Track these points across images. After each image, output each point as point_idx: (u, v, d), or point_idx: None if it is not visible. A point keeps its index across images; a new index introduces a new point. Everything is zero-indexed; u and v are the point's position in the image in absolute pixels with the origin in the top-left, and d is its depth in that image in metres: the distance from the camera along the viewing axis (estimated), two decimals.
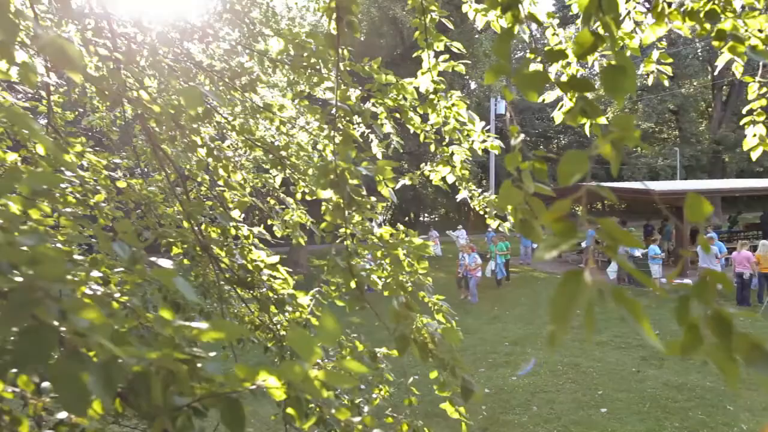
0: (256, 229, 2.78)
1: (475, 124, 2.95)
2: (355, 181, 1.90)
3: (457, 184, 3.18)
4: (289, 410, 1.04)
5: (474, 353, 9.59)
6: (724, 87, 34.44)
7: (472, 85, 34.96)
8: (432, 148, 3.18)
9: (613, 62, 0.81)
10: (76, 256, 1.42)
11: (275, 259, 2.45)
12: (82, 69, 1.80)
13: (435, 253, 21.37)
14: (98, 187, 1.67)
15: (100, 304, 1.09)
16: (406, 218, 36.62)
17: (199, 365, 1.11)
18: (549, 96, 2.48)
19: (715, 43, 2.09)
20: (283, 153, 3.10)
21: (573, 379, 8.16)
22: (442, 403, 7.73)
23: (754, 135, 2.20)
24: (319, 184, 1.95)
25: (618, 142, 0.76)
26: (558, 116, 2.98)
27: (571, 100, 2.81)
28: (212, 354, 1.12)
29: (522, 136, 1.20)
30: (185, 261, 2.58)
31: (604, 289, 0.73)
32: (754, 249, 12.97)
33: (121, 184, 2.34)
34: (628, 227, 17.39)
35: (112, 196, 3.15)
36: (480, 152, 3.14)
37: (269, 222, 4.41)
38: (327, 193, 2.06)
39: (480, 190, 3.21)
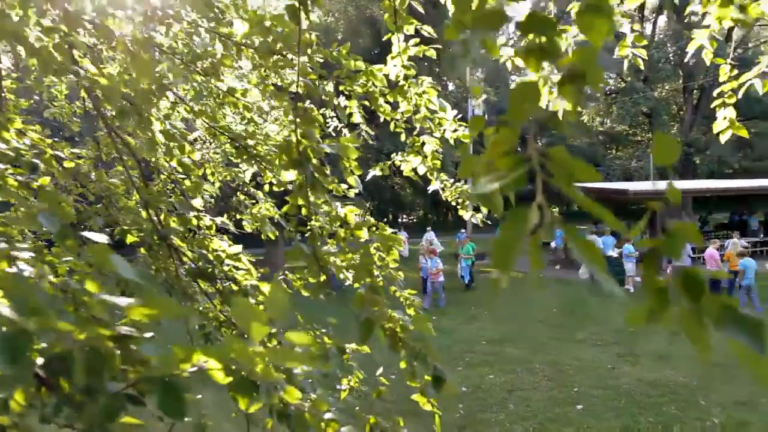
0: (218, 219, 2.67)
1: (446, 111, 2.89)
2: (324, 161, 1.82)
3: (428, 174, 3.10)
4: (233, 392, 0.94)
5: (451, 352, 9.54)
6: (695, 91, 35.21)
7: (450, 87, 35.19)
8: (403, 137, 3.10)
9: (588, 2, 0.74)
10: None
11: (237, 248, 2.34)
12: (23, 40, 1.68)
13: (402, 255, 21.64)
14: (40, 163, 1.56)
15: (18, 279, 0.98)
16: (384, 219, 36.55)
17: (134, 347, 1.01)
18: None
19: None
20: (250, 142, 2.99)
21: (549, 376, 8.17)
22: (417, 405, 7.62)
23: (724, 118, 2.18)
24: (281, 163, 1.86)
25: (576, 76, 0.68)
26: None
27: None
28: (148, 335, 1.02)
29: (484, 96, 1.12)
30: (142, 250, 2.46)
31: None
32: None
33: (69, 164, 2.21)
34: (602, 228, 17.60)
35: (69, 185, 3.00)
36: (452, 141, 3.08)
37: (238, 216, 4.29)
38: (290, 175, 1.97)
39: (452, 180, 3.13)
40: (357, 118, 3.06)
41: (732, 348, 0.69)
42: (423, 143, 3.06)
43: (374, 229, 2.51)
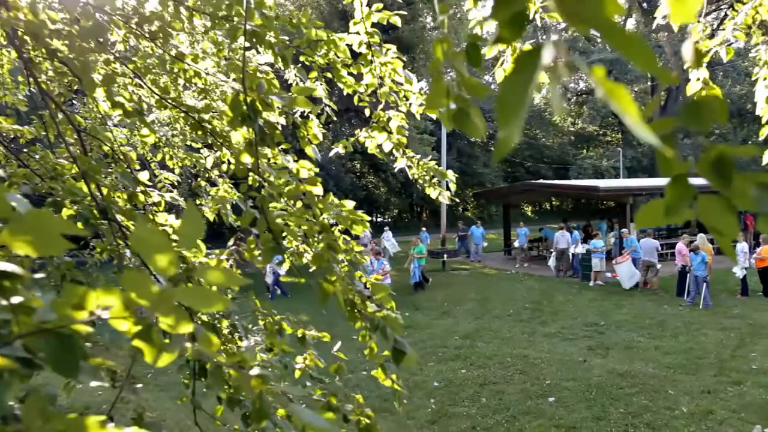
0: (168, 195, 2.49)
1: (412, 84, 2.76)
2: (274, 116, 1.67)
3: (394, 151, 2.97)
4: (137, 342, 0.79)
5: (424, 347, 9.45)
6: (663, 93, 36.04)
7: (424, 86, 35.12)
8: (367, 112, 2.97)
9: None
10: None
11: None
12: None
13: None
14: None
15: None
16: None
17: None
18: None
19: None
20: (205, 116, 2.81)
21: (522, 370, 8.14)
22: (388, 398, 7.45)
23: (698, 79, 2.10)
24: (230, 121, 1.71)
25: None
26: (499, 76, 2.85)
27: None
28: (38, 276, 0.86)
29: (447, 15, 0.98)
30: (79, 225, 2.26)
31: None
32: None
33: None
34: (569, 224, 17.77)
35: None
36: (418, 116, 2.96)
37: (198, 201, 4.09)
38: (238, 135, 1.81)
39: (419, 156, 3.01)
40: (319, 91, 2.91)
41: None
42: (389, 118, 2.92)
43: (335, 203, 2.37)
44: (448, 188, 3.11)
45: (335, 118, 3.16)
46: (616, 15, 0.52)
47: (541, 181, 24.46)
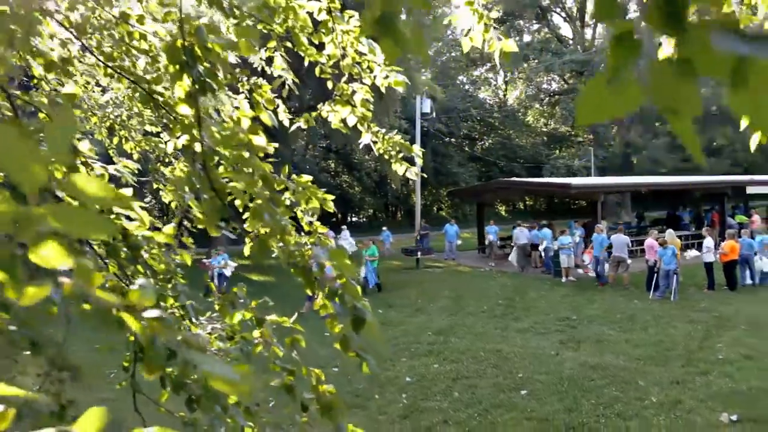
0: (112, 167, 2.31)
1: (375, 54, 2.63)
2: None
3: (358, 125, 2.84)
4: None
5: (396, 344, 9.33)
6: None
7: (400, 89, 35.04)
8: (329, 85, 2.83)
9: None
10: None
11: (127, 192, 1.99)
12: None
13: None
14: None
15: None
16: (333, 219, 36.07)
17: None
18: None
19: None
20: (156, 88, 2.63)
21: (494, 364, 8.09)
22: (360, 394, 7.30)
23: None
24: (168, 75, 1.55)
25: None
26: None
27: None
28: None
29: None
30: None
31: None
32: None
33: None
34: (539, 223, 17.93)
35: None
36: (383, 89, 2.83)
37: (155, 186, 3.89)
38: (178, 90, 1.65)
39: (384, 130, 2.88)
40: (279, 61, 2.75)
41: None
42: (353, 92, 2.79)
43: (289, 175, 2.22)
44: (414, 162, 2.98)
45: (297, 92, 2.98)
46: None
47: (515, 179, 24.63)
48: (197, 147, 1.48)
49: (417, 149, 2.88)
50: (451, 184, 33.84)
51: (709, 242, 12.91)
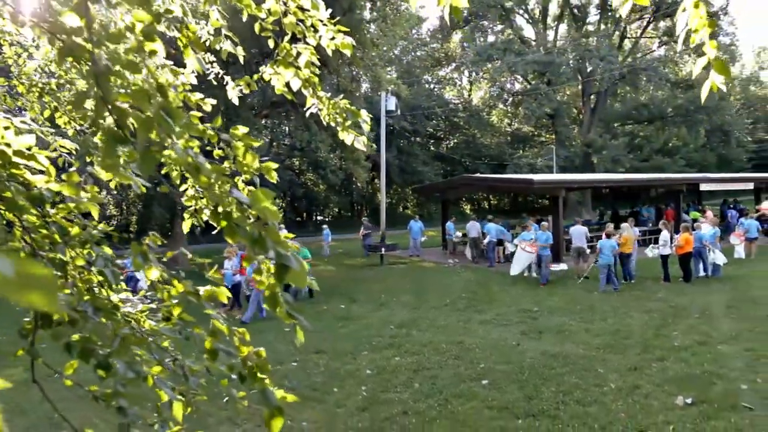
0: (18, 120, 2.06)
1: (319, 10, 2.46)
2: None
3: (302, 88, 2.66)
4: None
5: (357, 337, 9.17)
6: (592, 96, 37.65)
7: (364, 87, 34.95)
8: (271, 44, 2.64)
9: None
10: None
11: (28, 140, 1.77)
12: None
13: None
14: None
15: None
16: (298, 218, 35.64)
17: None
18: None
19: None
20: (78, 39, 2.38)
21: (456, 355, 8.02)
22: (318, 388, 7.08)
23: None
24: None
25: None
26: None
27: None
28: None
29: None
30: None
31: None
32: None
33: None
34: (501, 221, 18.10)
35: None
36: (330, 51, 2.66)
37: (88, 159, 3.62)
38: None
39: (329, 95, 2.71)
40: (215, 15, 2.55)
41: None
42: (298, 53, 2.61)
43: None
44: (362, 131, 2.82)
45: (241, 62, 2.78)
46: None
47: (479, 175, 24.81)
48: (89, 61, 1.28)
49: (365, 115, 2.72)
50: (416, 182, 33.89)
51: (665, 236, 13.22)
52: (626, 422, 5.52)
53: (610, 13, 37.42)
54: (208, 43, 2.80)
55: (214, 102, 2.46)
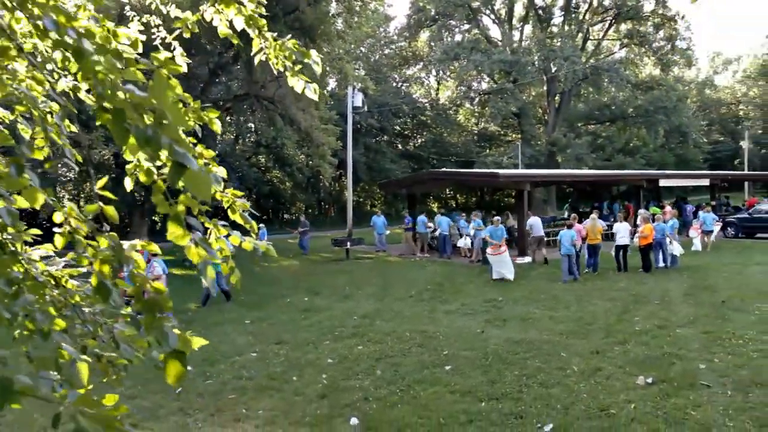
0: None
1: None
2: None
3: (247, 28, 2.44)
4: None
5: (320, 328, 8.95)
6: (557, 96, 38.28)
7: (331, 85, 34.68)
8: None
9: None
10: None
11: None
12: None
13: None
14: None
15: None
16: (264, 216, 34.99)
17: None
18: None
19: None
20: None
21: (420, 343, 7.88)
22: (277, 377, 6.79)
23: None
24: None
25: None
26: None
27: None
28: None
29: None
30: None
31: None
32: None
33: None
34: (460, 216, 18.15)
35: None
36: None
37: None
38: None
39: (275, 34, 2.50)
40: None
41: None
42: None
43: None
44: (314, 79, 2.62)
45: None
46: None
47: (445, 169, 24.84)
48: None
49: (315, 56, 2.52)
50: (383, 180, 33.78)
51: (625, 226, 13.47)
52: (588, 402, 5.47)
53: (573, 15, 38.14)
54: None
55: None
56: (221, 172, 2.64)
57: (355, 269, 15.77)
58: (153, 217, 22.26)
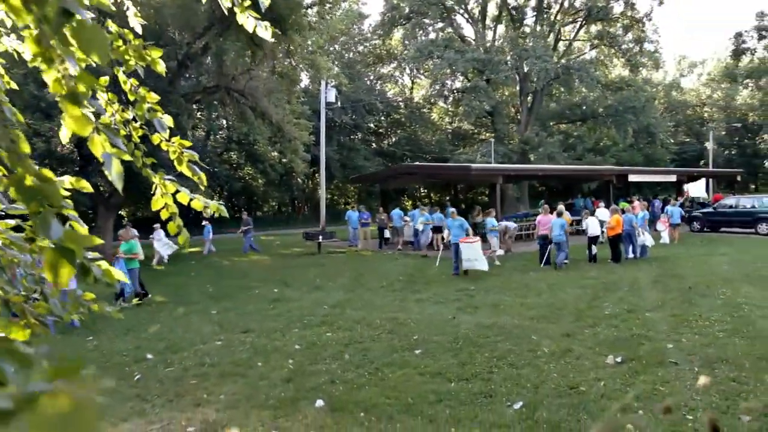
0: None
1: None
2: None
3: None
4: None
5: (288, 317, 8.72)
6: (529, 96, 38.69)
7: (304, 81, 34.34)
8: None
9: None
10: None
11: None
12: None
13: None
14: None
15: None
16: (237, 214, 34.38)
17: None
18: None
19: None
20: None
21: (390, 330, 7.73)
22: (242, 363, 6.56)
23: None
24: None
25: None
26: None
27: None
28: None
29: None
30: None
31: None
32: None
33: None
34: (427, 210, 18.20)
35: None
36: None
37: None
38: None
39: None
40: None
41: None
42: None
43: None
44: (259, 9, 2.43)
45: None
46: None
47: (417, 163, 24.81)
48: None
49: None
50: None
51: (592, 220, 13.63)
52: (558, 381, 5.40)
53: (545, 16, 38.60)
54: None
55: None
56: (167, 120, 2.45)
57: (327, 262, 15.56)
58: (119, 212, 21.60)
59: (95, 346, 7.56)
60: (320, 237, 17.48)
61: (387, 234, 18.69)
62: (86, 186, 1.66)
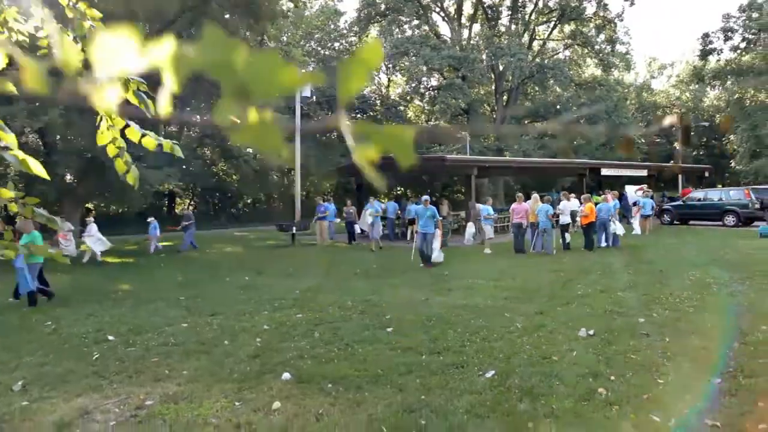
0: None
1: None
2: None
3: None
4: None
5: (259, 301, 8.49)
6: (504, 94, 39.01)
7: None
8: None
9: None
10: None
11: None
12: None
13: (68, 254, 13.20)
14: None
15: None
16: (211, 212, 33.83)
17: None
18: None
19: None
20: None
21: (362, 311, 7.58)
22: (207, 342, 6.34)
23: None
24: None
25: None
26: None
27: None
28: None
29: None
30: None
31: None
32: None
33: None
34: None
35: None
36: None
37: None
38: None
39: None
40: None
41: None
42: None
43: None
44: None
45: None
46: None
47: (391, 154, 24.69)
48: None
49: None
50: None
51: (564, 205, 13.75)
52: (531, 352, 5.33)
53: (520, 15, 38.97)
54: None
55: None
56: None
57: (301, 253, 15.34)
58: (86, 205, 20.96)
59: (53, 329, 7.22)
60: (293, 228, 17.20)
61: (358, 229, 18.15)
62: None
